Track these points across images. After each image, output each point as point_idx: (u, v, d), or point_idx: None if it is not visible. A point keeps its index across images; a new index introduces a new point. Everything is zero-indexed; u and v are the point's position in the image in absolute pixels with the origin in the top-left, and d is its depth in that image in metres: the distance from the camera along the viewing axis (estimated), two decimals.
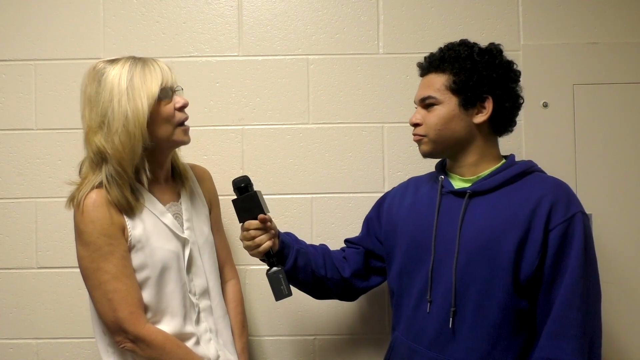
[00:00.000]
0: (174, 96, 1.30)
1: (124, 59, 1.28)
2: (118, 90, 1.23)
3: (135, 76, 1.25)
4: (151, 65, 1.28)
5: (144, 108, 1.23)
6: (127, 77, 1.24)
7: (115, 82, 1.24)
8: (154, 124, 1.26)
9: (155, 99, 1.25)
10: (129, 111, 1.22)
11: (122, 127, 1.22)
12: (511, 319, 1.20)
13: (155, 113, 1.26)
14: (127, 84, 1.23)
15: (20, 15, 1.72)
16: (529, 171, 1.28)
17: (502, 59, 1.28)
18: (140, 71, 1.26)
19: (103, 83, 1.25)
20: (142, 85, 1.24)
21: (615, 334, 1.67)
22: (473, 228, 1.23)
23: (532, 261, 1.18)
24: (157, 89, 1.25)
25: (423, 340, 1.26)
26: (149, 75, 1.26)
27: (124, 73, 1.25)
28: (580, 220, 1.19)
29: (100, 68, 1.27)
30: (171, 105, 1.29)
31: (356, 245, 1.51)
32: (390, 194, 1.49)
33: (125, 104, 1.22)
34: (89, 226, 1.23)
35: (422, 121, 1.29)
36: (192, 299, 1.32)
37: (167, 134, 1.30)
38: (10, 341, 1.69)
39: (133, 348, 1.23)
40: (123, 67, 1.26)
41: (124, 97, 1.23)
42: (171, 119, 1.29)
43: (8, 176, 1.70)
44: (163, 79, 1.27)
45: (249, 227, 1.30)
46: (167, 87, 1.28)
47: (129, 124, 1.22)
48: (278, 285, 1.29)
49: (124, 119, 1.22)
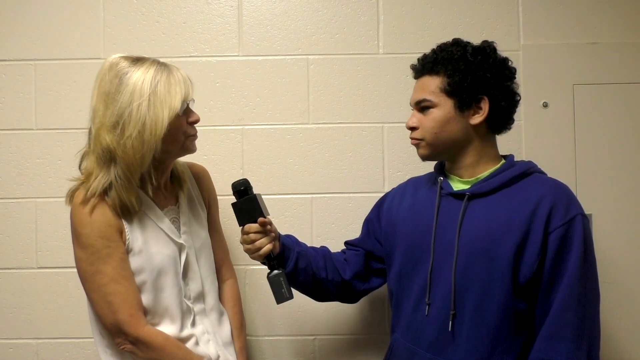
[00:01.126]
0: (189, 110, 1.30)
1: (149, 61, 1.25)
2: (140, 94, 1.20)
3: (160, 84, 1.22)
4: (176, 76, 1.25)
5: (164, 120, 1.21)
6: (152, 83, 1.21)
7: (139, 85, 1.21)
8: (169, 136, 1.24)
9: (177, 113, 1.23)
10: (147, 119, 1.20)
11: (137, 132, 1.19)
12: (510, 321, 1.19)
13: (172, 126, 1.23)
14: (150, 90, 1.21)
15: (20, 15, 1.72)
16: (529, 172, 1.27)
17: (496, 57, 1.26)
18: (166, 80, 1.23)
19: (125, 82, 1.21)
20: (165, 95, 1.22)
21: (615, 334, 1.67)
22: (472, 230, 1.22)
23: (532, 263, 1.17)
24: (179, 103, 1.23)
25: (422, 343, 1.26)
26: (174, 87, 1.23)
27: (148, 77, 1.21)
28: (580, 223, 1.18)
29: (124, 66, 1.23)
30: (184, 118, 1.28)
31: (356, 247, 1.50)
32: (390, 194, 1.49)
33: (145, 111, 1.20)
34: (87, 228, 1.22)
35: (419, 125, 1.28)
36: (187, 303, 1.32)
37: (178, 145, 1.29)
38: (10, 341, 1.69)
39: (133, 350, 1.23)
40: (148, 70, 1.23)
41: (145, 103, 1.20)
42: (185, 132, 1.29)
43: (8, 176, 1.70)
44: (185, 92, 1.25)
45: (249, 231, 1.29)
46: (187, 101, 1.27)
47: (145, 131, 1.20)
48: (279, 289, 1.29)
49: (141, 125, 1.19)
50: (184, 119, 1.28)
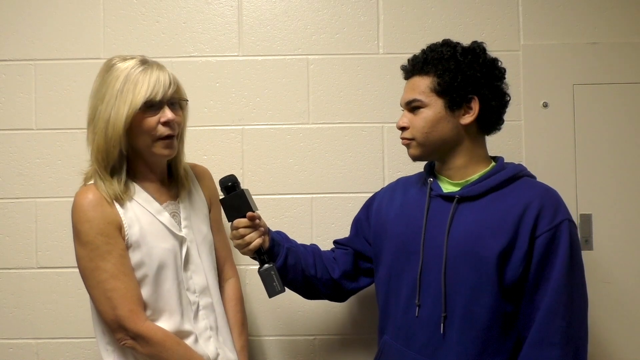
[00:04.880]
0: (164, 109, 1.26)
1: (135, 59, 1.27)
2: (111, 91, 1.23)
3: (129, 81, 1.23)
4: (150, 73, 1.24)
5: (123, 115, 1.22)
6: (124, 80, 1.23)
7: (113, 82, 1.23)
8: (133, 133, 1.25)
9: (137, 110, 1.22)
10: (112, 114, 1.22)
11: (103, 128, 1.23)
12: (500, 323, 1.20)
13: (135, 123, 1.24)
14: (120, 86, 1.23)
15: (20, 15, 1.72)
16: (518, 176, 1.27)
17: (486, 57, 1.27)
18: (136, 77, 1.23)
19: (106, 80, 1.25)
20: (130, 92, 1.22)
21: (614, 334, 1.67)
22: (461, 233, 1.23)
23: (517, 267, 1.18)
24: (141, 100, 1.22)
25: (413, 345, 1.26)
26: (141, 84, 1.23)
27: (122, 75, 1.23)
28: (566, 228, 1.18)
29: (111, 65, 1.26)
30: (155, 119, 1.26)
31: (345, 247, 1.50)
32: (379, 194, 1.49)
33: (111, 107, 1.22)
34: (86, 226, 1.23)
35: (409, 124, 1.29)
36: (189, 297, 1.33)
37: (145, 145, 1.28)
38: (10, 341, 1.69)
39: (133, 345, 1.24)
40: (126, 68, 1.24)
41: (112, 99, 1.23)
42: (151, 131, 1.26)
43: (8, 176, 1.70)
44: (154, 90, 1.23)
45: (238, 226, 1.30)
46: (157, 100, 1.24)
47: (108, 127, 1.23)
48: (271, 282, 1.30)
49: (106, 120, 1.23)
50: (153, 119, 1.26)
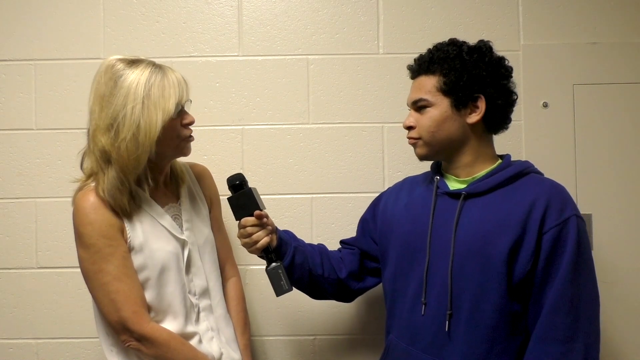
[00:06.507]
0: (184, 111, 1.31)
1: (145, 63, 1.26)
2: (134, 97, 1.21)
3: (154, 87, 1.23)
4: (171, 78, 1.26)
5: (158, 123, 1.22)
6: (146, 86, 1.22)
7: (133, 87, 1.22)
8: (163, 138, 1.25)
9: (171, 115, 1.24)
10: (141, 122, 1.21)
11: (131, 135, 1.21)
12: (507, 322, 1.19)
13: (166, 128, 1.24)
14: (144, 92, 1.22)
15: (20, 15, 1.72)
16: (525, 172, 1.26)
17: (492, 56, 1.26)
18: (160, 82, 1.24)
19: (119, 85, 1.22)
20: (159, 98, 1.22)
21: (614, 334, 1.67)
22: (468, 230, 1.22)
23: (525, 264, 1.17)
24: (173, 107, 1.24)
25: (419, 343, 1.25)
26: (168, 90, 1.24)
27: (142, 80, 1.22)
28: (574, 224, 1.17)
29: (119, 69, 1.24)
30: (178, 121, 1.29)
31: (351, 247, 1.50)
32: (385, 194, 1.49)
33: (139, 114, 1.21)
34: (88, 228, 1.23)
35: (416, 124, 1.29)
36: (191, 299, 1.33)
37: (173, 147, 1.30)
38: (10, 341, 1.69)
39: (138, 347, 1.24)
40: (142, 73, 1.23)
41: (139, 106, 1.21)
42: (179, 134, 1.30)
43: (8, 176, 1.70)
44: (179, 95, 1.26)
45: (246, 224, 1.30)
46: (183, 103, 1.28)
47: (139, 134, 1.21)
48: (278, 281, 1.29)
49: (135, 128, 1.21)
50: (178, 121, 1.29)
